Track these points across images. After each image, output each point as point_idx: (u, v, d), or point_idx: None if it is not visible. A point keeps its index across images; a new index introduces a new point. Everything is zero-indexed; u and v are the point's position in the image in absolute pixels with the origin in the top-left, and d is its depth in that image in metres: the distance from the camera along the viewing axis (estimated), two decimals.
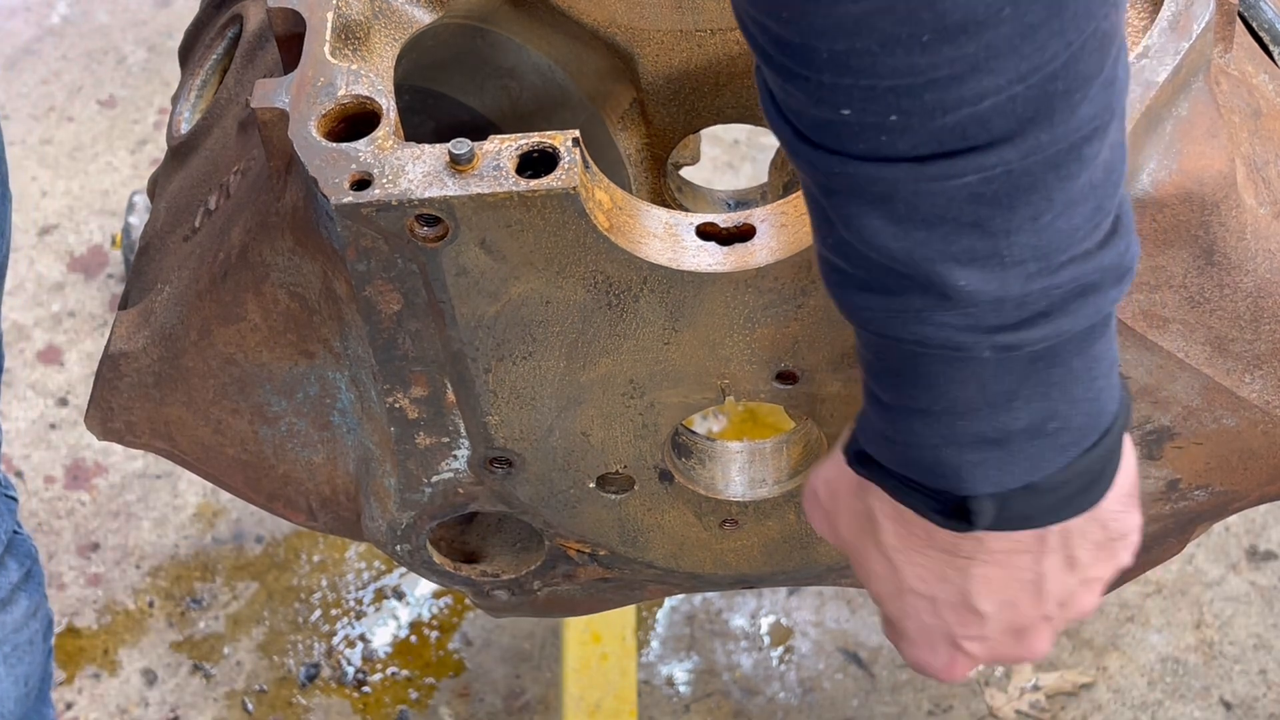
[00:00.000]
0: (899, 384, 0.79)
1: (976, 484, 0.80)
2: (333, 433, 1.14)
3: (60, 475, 2.10)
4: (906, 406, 0.80)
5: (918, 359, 0.77)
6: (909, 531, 0.85)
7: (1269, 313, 1.04)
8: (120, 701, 1.91)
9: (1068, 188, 0.72)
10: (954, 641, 0.90)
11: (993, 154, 0.70)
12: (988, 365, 0.76)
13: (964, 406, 0.78)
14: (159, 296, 1.16)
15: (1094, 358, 0.78)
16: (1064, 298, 0.75)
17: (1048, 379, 0.77)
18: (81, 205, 2.42)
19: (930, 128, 0.69)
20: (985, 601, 0.86)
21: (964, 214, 0.72)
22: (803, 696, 1.86)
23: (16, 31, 2.69)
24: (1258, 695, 1.83)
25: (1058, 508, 0.82)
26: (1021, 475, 0.80)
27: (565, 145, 0.93)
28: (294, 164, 0.99)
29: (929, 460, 0.80)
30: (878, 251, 0.74)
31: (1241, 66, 1.08)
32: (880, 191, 0.72)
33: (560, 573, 1.21)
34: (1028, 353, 0.76)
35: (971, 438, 0.79)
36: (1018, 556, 0.84)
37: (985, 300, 0.74)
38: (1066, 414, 0.79)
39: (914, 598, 0.88)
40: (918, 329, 0.76)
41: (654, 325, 1.00)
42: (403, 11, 1.10)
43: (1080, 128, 0.71)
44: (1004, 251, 0.73)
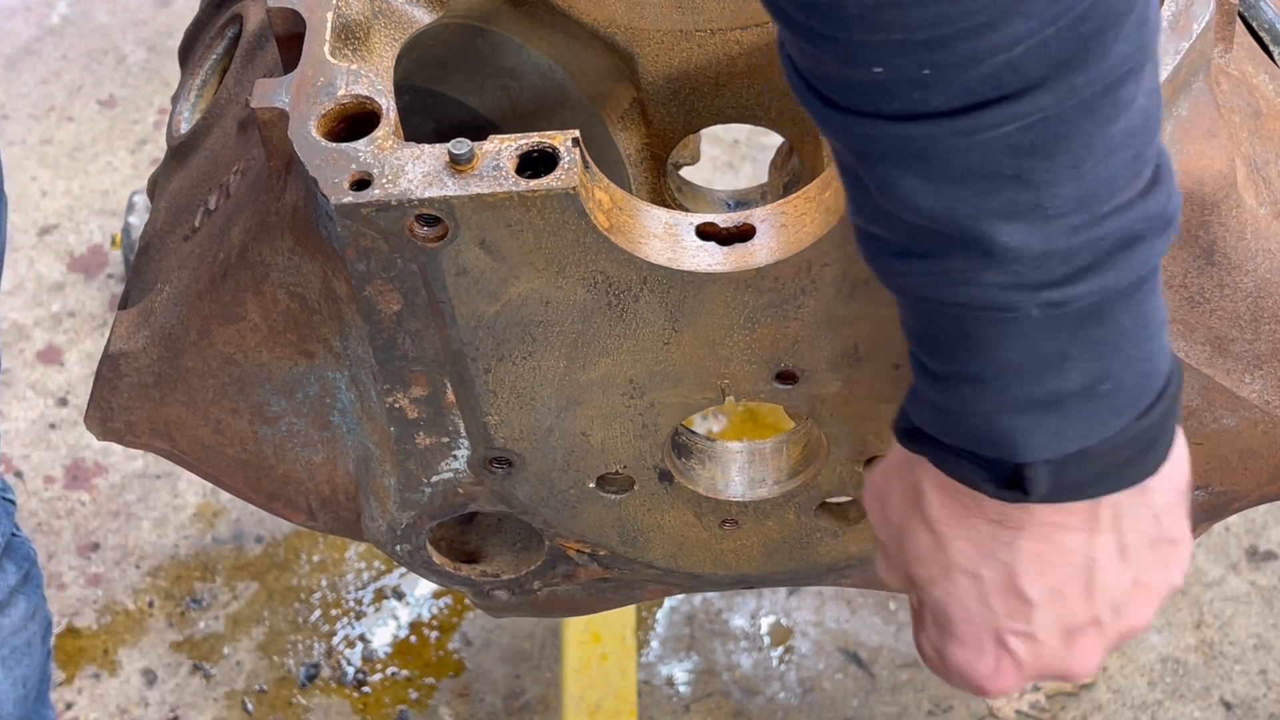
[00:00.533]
0: (947, 351, 0.78)
1: (1031, 450, 0.78)
2: (333, 433, 1.14)
3: (60, 475, 2.10)
4: (956, 374, 0.78)
5: (964, 323, 0.76)
6: (956, 502, 0.83)
7: (1269, 313, 1.04)
8: (120, 701, 1.91)
9: (1106, 133, 0.71)
10: (1000, 637, 0.86)
11: (1028, 101, 0.69)
12: (1037, 325, 0.75)
13: (1015, 370, 0.76)
14: (159, 296, 1.16)
15: (1144, 314, 0.77)
16: (1109, 250, 0.73)
17: (1098, 336, 0.76)
18: (81, 205, 2.42)
19: (964, 79, 0.68)
20: (1033, 584, 0.83)
21: (1003, 167, 0.71)
22: (803, 696, 1.86)
23: (16, 31, 2.69)
24: (1258, 695, 1.83)
25: (1111, 476, 0.80)
26: (1076, 439, 0.78)
27: (565, 145, 0.93)
28: (294, 164, 0.99)
29: (982, 429, 0.79)
30: (916, 213, 0.73)
31: (1241, 66, 1.08)
32: (916, 151, 0.71)
33: (560, 573, 1.21)
34: (1076, 309, 0.74)
35: (1024, 402, 0.77)
36: (1068, 534, 0.82)
37: (1030, 256, 0.72)
38: (1120, 374, 0.77)
39: (960, 576, 0.85)
40: (963, 291, 0.74)
41: (654, 325, 1.00)
42: (403, 11, 1.10)
43: (1114, 69, 0.70)
44: (1046, 203, 0.71)
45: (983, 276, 0.74)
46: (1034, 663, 0.86)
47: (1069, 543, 0.82)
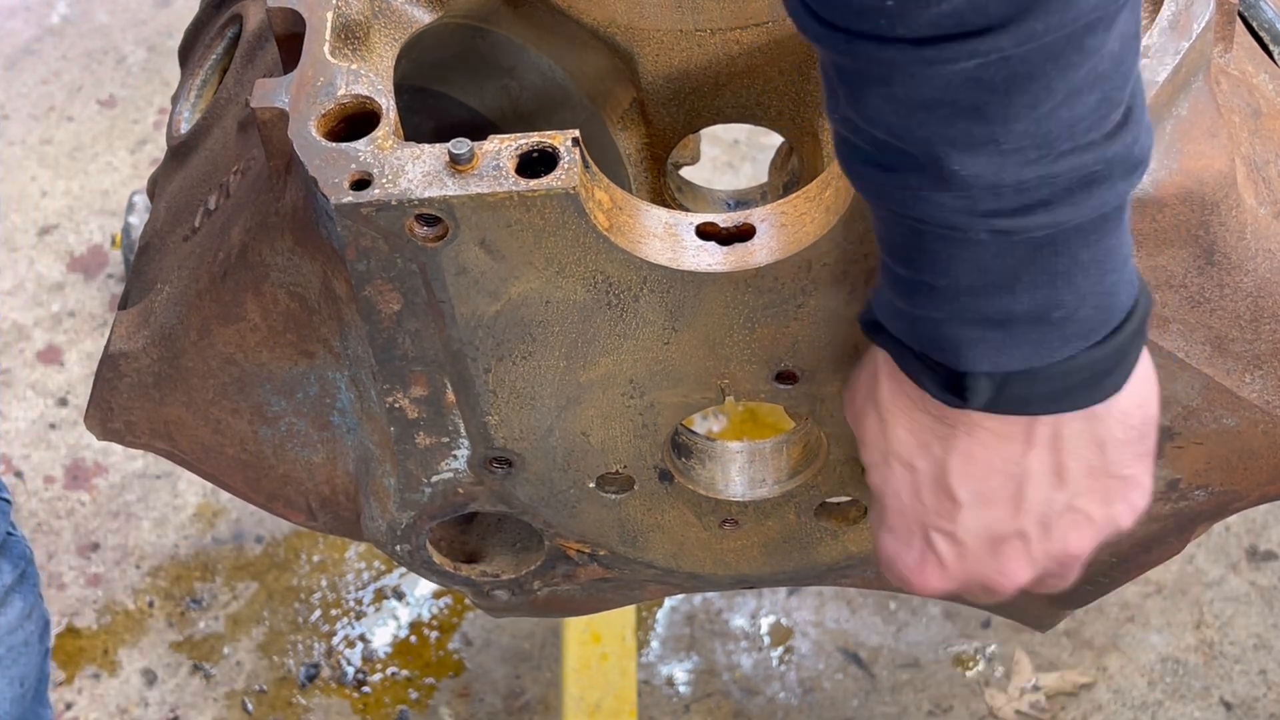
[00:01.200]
0: (907, 257, 0.80)
1: (975, 361, 0.80)
2: (332, 433, 1.14)
3: (60, 475, 2.10)
4: (915, 280, 0.81)
5: (921, 235, 0.78)
6: (904, 393, 0.86)
7: (1269, 313, 1.04)
8: (120, 701, 1.91)
9: (1069, 77, 0.72)
10: (926, 533, 0.89)
11: (988, 40, 0.70)
12: (987, 248, 0.77)
13: (966, 285, 0.78)
14: (159, 296, 1.16)
15: (1104, 249, 0.78)
16: (1066, 187, 0.75)
17: (1052, 267, 0.77)
18: (81, 205, 2.42)
19: (927, 13, 0.70)
20: (962, 484, 0.86)
21: (961, 98, 0.72)
22: (803, 696, 1.86)
23: (16, 31, 2.69)
24: (1258, 695, 1.83)
25: (1055, 397, 0.82)
26: (1021, 359, 0.80)
27: (565, 145, 0.93)
28: (294, 164, 0.99)
29: (932, 334, 0.82)
30: (879, 128, 0.75)
31: (1241, 66, 1.08)
32: (880, 73, 0.73)
33: (560, 573, 1.21)
34: (1028, 239, 0.76)
35: (974, 316, 0.79)
36: (1004, 443, 0.84)
37: (982, 185, 0.74)
38: (1073, 304, 0.79)
39: (896, 463, 0.88)
40: (917, 206, 0.77)
41: (654, 325, 1.00)
42: (403, 11, 1.10)
43: (1079, 17, 0.71)
44: (1001, 138, 0.73)
45: (936, 197, 0.76)
46: (957, 565, 0.89)
47: (1002, 451, 0.84)
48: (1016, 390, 0.81)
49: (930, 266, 0.79)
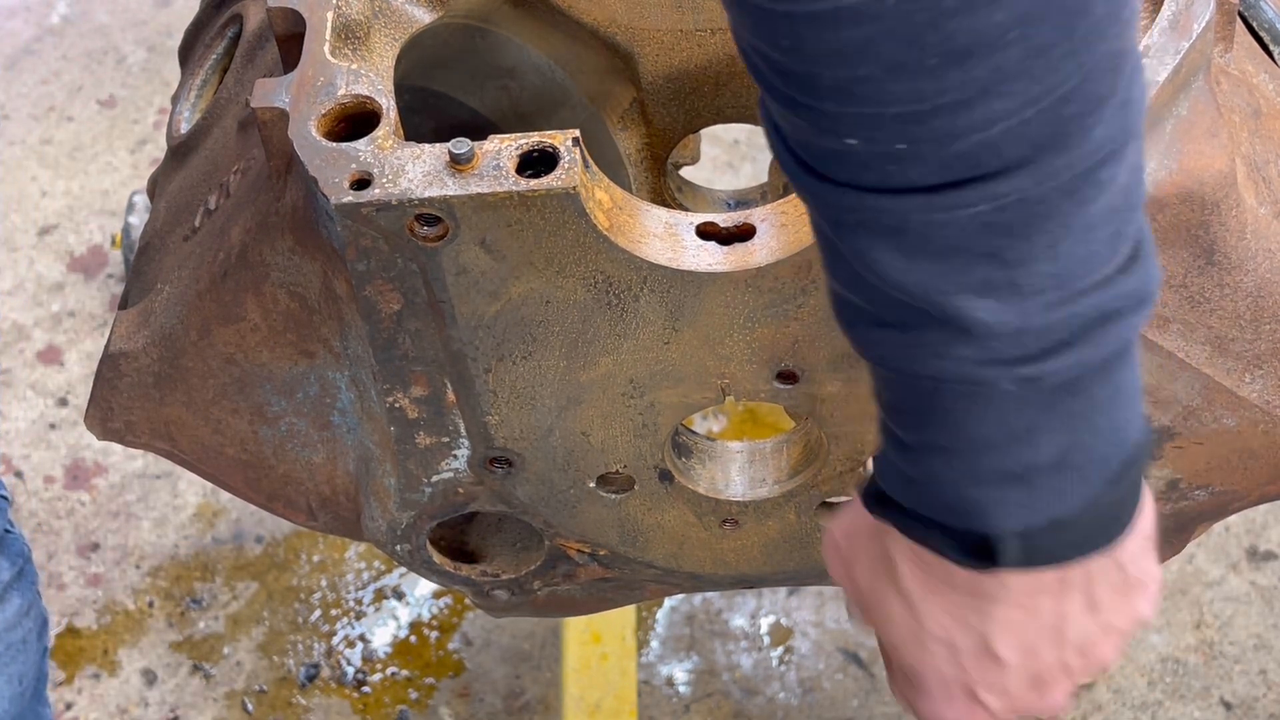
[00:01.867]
0: (918, 422, 0.77)
1: (1001, 521, 0.77)
2: (333, 433, 1.14)
3: (60, 475, 2.10)
4: (927, 444, 0.77)
5: (936, 395, 0.75)
6: (928, 574, 0.82)
7: (1269, 312, 1.04)
8: (120, 701, 1.91)
9: (1085, 213, 0.70)
10: (972, 692, 0.86)
11: (1005, 181, 0.68)
12: (1009, 399, 0.74)
13: (985, 442, 0.75)
14: (159, 296, 1.16)
15: (1117, 386, 0.76)
16: (1085, 326, 0.72)
17: (1070, 409, 0.75)
18: (81, 205, 2.42)
19: (940, 156, 0.68)
20: (1006, 647, 0.83)
21: (978, 244, 0.70)
22: (803, 696, 1.86)
23: (16, 31, 2.69)
24: (1258, 695, 1.83)
25: (1081, 544, 0.79)
26: (1046, 511, 0.77)
27: (565, 145, 0.93)
28: (294, 164, 0.99)
29: (951, 499, 0.78)
30: (891, 286, 0.72)
31: (1241, 66, 1.08)
32: (891, 224, 0.71)
33: (560, 573, 1.21)
34: (1051, 384, 0.74)
35: (994, 474, 0.76)
36: (1040, 598, 0.81)
37: (1005, 333, 0.72)
38: (1089, 444, 0.76)
39: (934, 644, 0.84)
40: (935, 364, 0.74)
41: (654, 325, 1.00)
42: (403, 11, 1.10)
43: (1096, 151, 0.69)
44: (1021, 281, 0.71)
45: (956, 351, 0.73)
46: (1003, 708, 0.87)
47: (1041, 605, 0.82)
48: (1044, 543, 0.78)
49: (946, 427, 0.76)
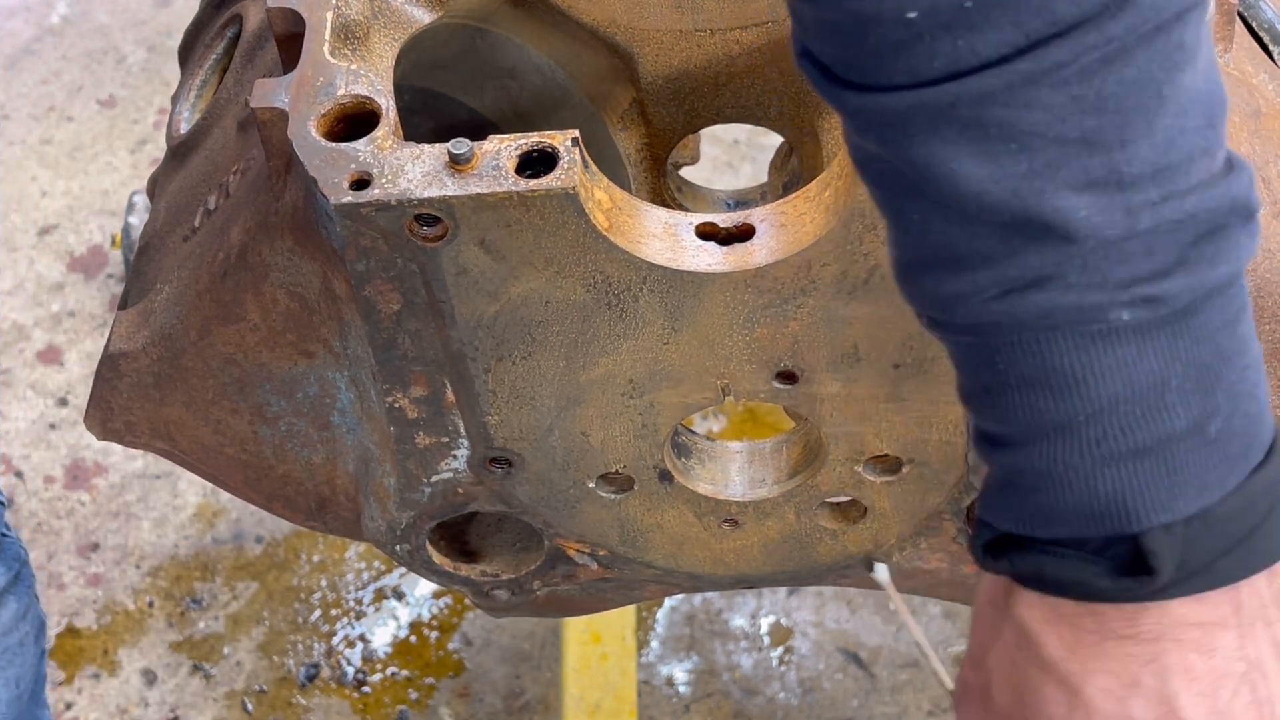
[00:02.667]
0: (1026, 399, 0.67)
1: (1146, 512, 0.67)
2: (332, 433, 1.14)
3: (60, 475, 2.10)
4: (1041, 427, 0.67)
5: (1044, 349, 0.66)
6: (1075, 629, 0.70)
7: (1269, 313, 1.04)
8: (120, 701, 1.91)
9: (1176, 81, 0.64)
10: None
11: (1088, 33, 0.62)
12: (1128, 338, 0.65)
13: (1111, 403, 0.66)
14: (159, 296, 1.16)
15: (1241, 337, 0.68)
16: (1194, 239, 0.65)
17: (1198, 357, 0.66)
18: (81, 205, 2.42)
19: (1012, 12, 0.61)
20: (1193, 708, 0.69)
21: (1070, 127, 0.63)
22: (803, 696, 1.86)
23: (16, 31, 2.69)
24: None
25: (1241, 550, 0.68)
26: (1192, 496, 0.67)
27: (565, 145, 0.93)
28: (293, 164, 0.99)
29: (1083, 497, 0.67)
30: (976, 203, 0.64)
31: (1241, 66, 1.08)
32: (969, 118, 0.63)
33: (560, 573, 1.21)
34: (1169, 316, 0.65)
35: (1127, 450, 0.66)
36: (1216, 634, 0.69)
37: (1113, 237, 0.64)
38: (1227, 410, 0.67)
39: None
40: (1041, 299, 0.65)
41: (654, 325, 1.00)
42: (402, 11, 1.10)
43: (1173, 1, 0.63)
44: (1123, 167, 0.63)
45: (1063, 271, 0.64)
46: None
47: (1221, 643, 0.69)
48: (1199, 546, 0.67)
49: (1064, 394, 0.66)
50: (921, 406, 1.05)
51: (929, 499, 1.12)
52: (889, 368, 1.02)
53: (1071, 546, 0.68)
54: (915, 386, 1.04)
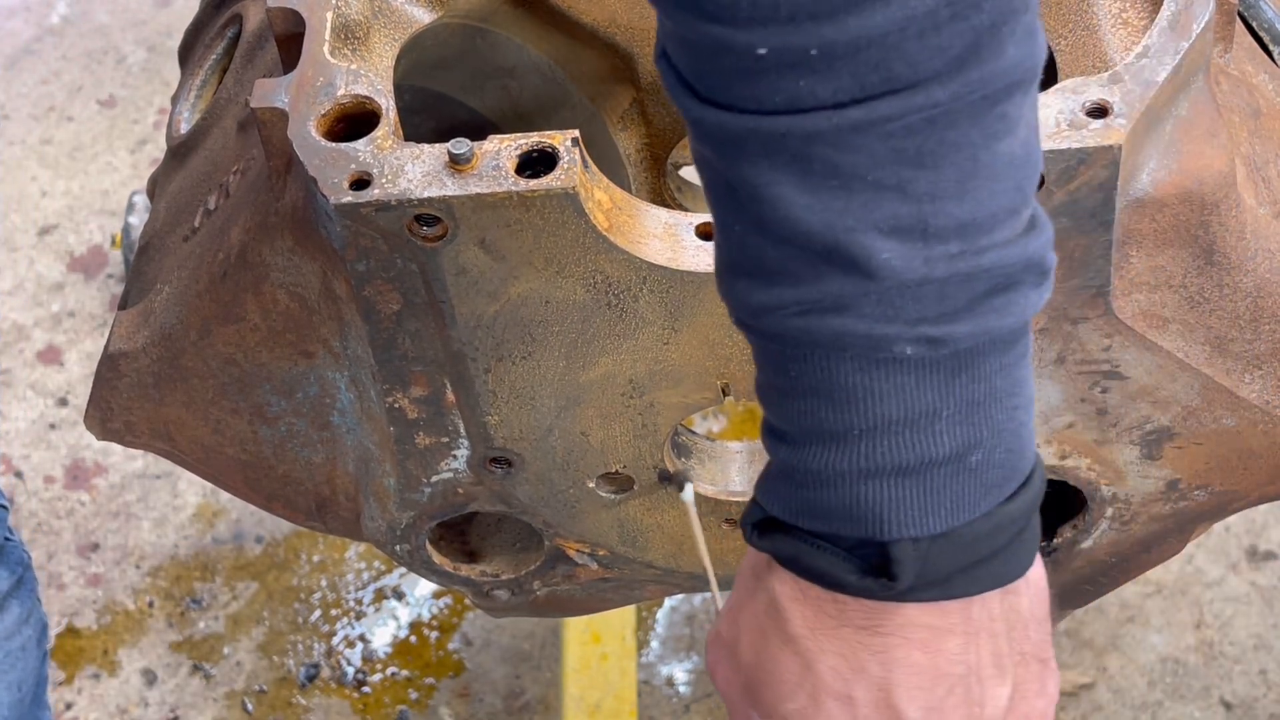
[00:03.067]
0: (809, 406, 0.73)
1: (898, 525, 0.73)
2: (332, 433, 1.14)
3: (60, 475, 2.10)
4: (819, 433, 0.73)
5: (833, 369, 0.72)
6: (820, 612, 0.76)
7: (1269, 313, 1.04)
8: (120, 702, 1.91)
9: (992, 149, 0.69)
10: None
11: (917, 94, 0.67)
12: (908, 369, 0.71)
13: (882, 424, 0.72)
14: (159, 296, 1.16)
15: (1016, 381, 0.74)
16: (986, 291, 0.70)
17: (970, 395, 0.72)
18: (81, 205, 2.42)
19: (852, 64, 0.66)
20: (911, 701, 0.76)
21: (887, 175, 0.68)
22: None
23: (16, 31, 2.69)
24: (1258, 695, 1.83)
25: (980, 568, 0.75)
26: (944, 517, 0.73)
27: (565, 145, 0.93)
28: (293, 164, 0.99)
29: (844, 500, 0.73)
30: (791, 227, 0.69)
31: (1241, 66, 1.08)
32: (795, 151, 0.68)
33: (560, 573, 1.21)
34: (951, 354, 0.71)
35: (891, 467, 0.72)
36: (944, 638, 0.75)
37: (909, 280, 0.69)
38: (989, 444, 0.73)
39: (830, 701, 0.77)
40: (835, 322, 0.70)
41: (654, 325, 1.00)
42: (402, 11, 1.10)
43: (1006, 73, 0.68)
44: (928, 219, 0.69)
45: (858, 302, 0.70)
46: None
47: (945, 649, 0.76)
48: (941, 560, 0.73)
49: (841, 409, 0.72)
50: None
51: None
52: None
53: (828, 541, 0.75)
54: None
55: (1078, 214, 0.95)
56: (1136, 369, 1.04)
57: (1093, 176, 0.93)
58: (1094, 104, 0.93)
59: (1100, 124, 0.92)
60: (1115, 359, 1.03)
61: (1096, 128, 0.92)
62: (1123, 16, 1.05)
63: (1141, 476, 1.10)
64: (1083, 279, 0.98)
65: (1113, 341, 1.02)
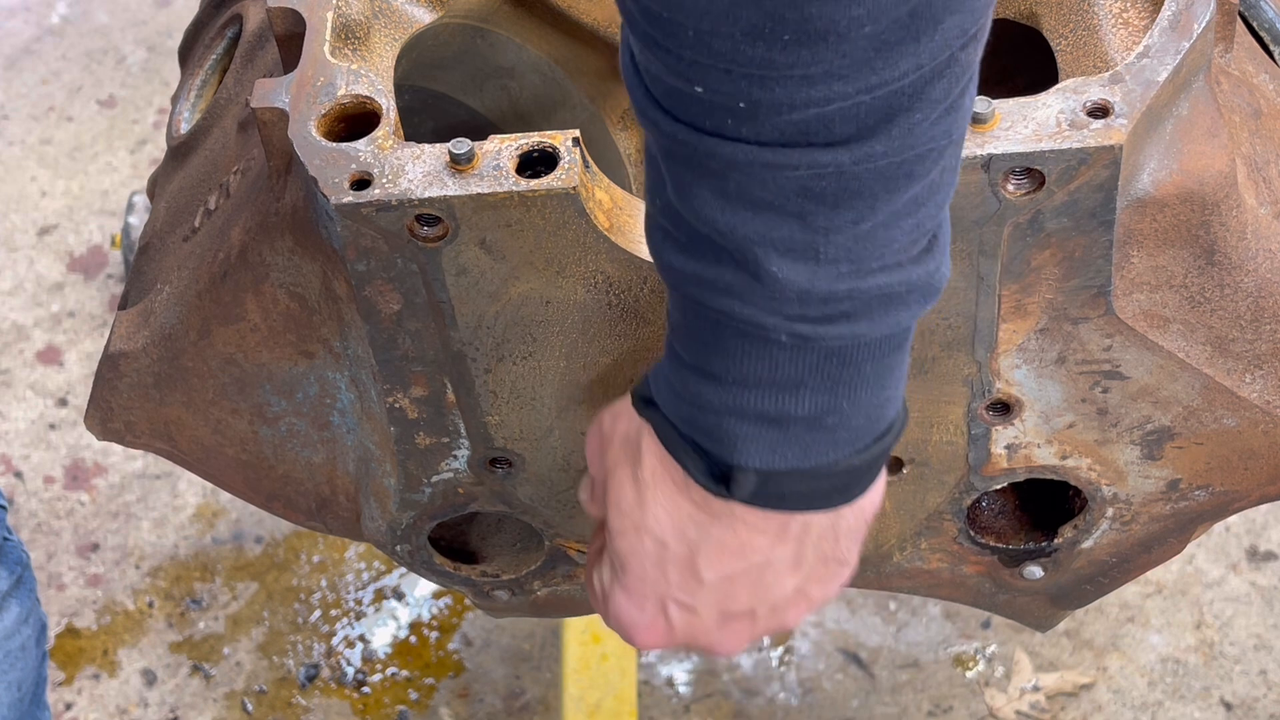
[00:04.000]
0: (698, 348, 0.81)
1: (746, 457, 0.82)
2: (332, 433, 1.14)
3: (60, 475, 2.10)
4: (702, 369, 0.81)
5: (721, 330, 0.80)
6: (668, 475, 0.87)
7: (1269, 313, 1.04)
8: (120, 702, 1.91)
9: (893, 199, 0.75)
10: (664, 602, 0.90)
11: (829, 154, 0.73)
12: (783, 350, 0.79)
13: (753, 380, 0.80)
14: (159, 296, 1.16)
15: (887, 367, 0.81)
16: (868, 304, 0.77)
17: (837, 376, 0.80)
18: (81, 205, 2.42)
19: (775, 120, 0.72)
20: (710, 569, 0.88)
21: (790, 205, 0.74)
22: (803, 697, 1.86)
23: (16, 31, 2.69)
24: (1258, 695, 1.83)
25: (811, 498, 0.84)
26: (791, 460, 0.82)
27: (565, 145, 0.93)
28: (294, 164, 0.99)
29: (709, 424, 0.82)
30: (703, 222, 0.77)
31: (1242, 66, 1.08)
32: (716, 167, 0.75)
33: (560, 573, 1.21)
34: (823, 347, 0.78)
35: (753, 412, 0.81)
36: (756, 536, 0.86)
37: (793, 290, 0.76)
38: (848, 413, 0.81)
39: (648, 539, 0.88)
40: (726, 302, 0.78)
41: (654, 325, 1.00)
42: (403, 11, 1.10)
43: (915, 147, 0.73)
44: (820, 247, 0.75)
45: (747, 295, 0.77)
46: (685, 631, 0.92)
47: (754, 542, 0.86)
48: (779, 487, 0.83)
49: (722, 359, 0.81)
50: (921, 406, 1.05)
51: (929, 499, 1.12)
52: None
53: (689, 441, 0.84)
54: (915, 386, 1.04)
55: (1078, 214, 0.95)
56: (1137, 369, 1.04)
57: (1093, 176, 0.93)
58: (1095, 104, 0.93)
59: (1101, 124, 0.92)
60: (1116, 359, 1.03)
61: (1097, 128, 0.92)
62: (1123, 17, 1.05)
63: (1142, 476, 1.10)
64: (1083, 279, 0.98)
65: (1113, 341, 1.02)
